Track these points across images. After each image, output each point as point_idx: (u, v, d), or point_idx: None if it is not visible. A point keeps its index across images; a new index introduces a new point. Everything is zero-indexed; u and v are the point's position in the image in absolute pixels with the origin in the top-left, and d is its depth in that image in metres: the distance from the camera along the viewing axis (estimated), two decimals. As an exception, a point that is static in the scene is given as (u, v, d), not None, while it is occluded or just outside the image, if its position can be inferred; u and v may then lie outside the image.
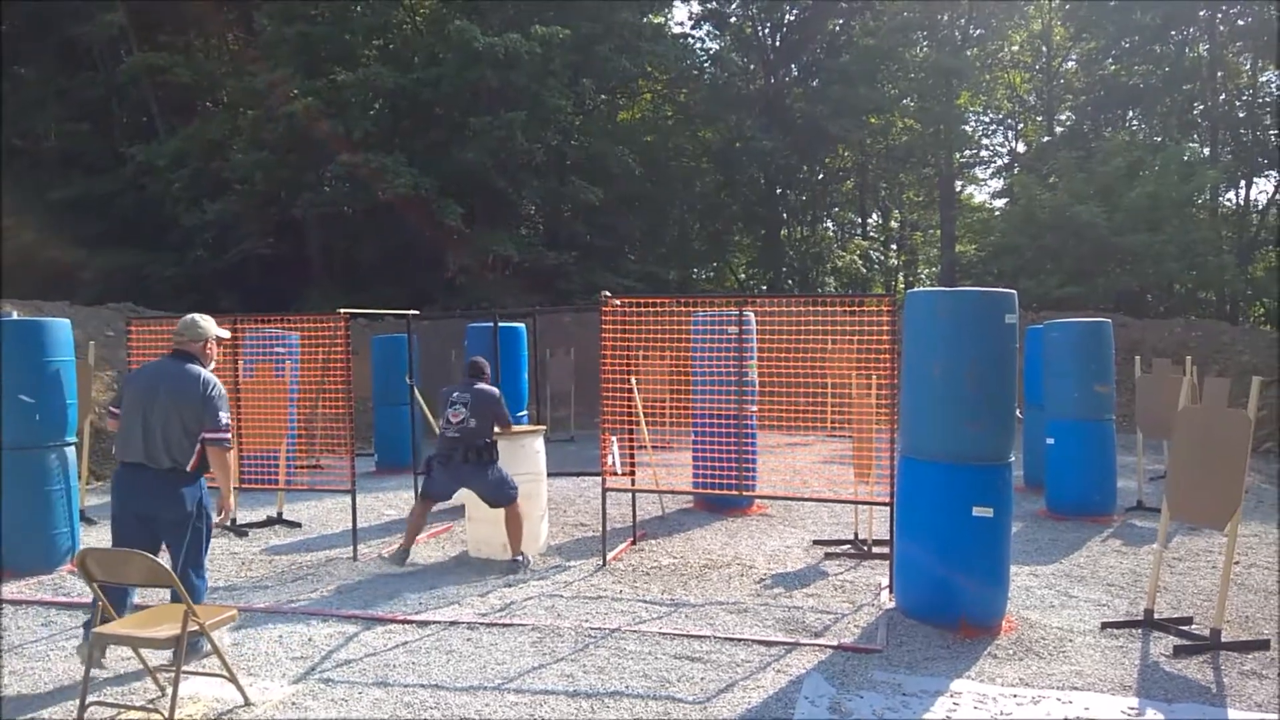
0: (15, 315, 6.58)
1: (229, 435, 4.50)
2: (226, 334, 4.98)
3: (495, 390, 6.40)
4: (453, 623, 5.12)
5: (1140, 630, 4.91)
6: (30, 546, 6.25)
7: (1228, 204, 25.26)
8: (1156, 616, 4.97)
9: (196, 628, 3.78)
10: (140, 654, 4.12)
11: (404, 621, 5.16)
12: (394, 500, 9.12)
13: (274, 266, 17.56)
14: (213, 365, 4.70)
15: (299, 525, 7.98)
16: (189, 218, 18.42)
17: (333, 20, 20.55)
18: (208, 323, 4.70)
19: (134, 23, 20.50)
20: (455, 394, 6.25)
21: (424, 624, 5.12)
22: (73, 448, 6.62)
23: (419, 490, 6.59)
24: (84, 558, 3.81)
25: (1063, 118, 27.35)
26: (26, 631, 5.12)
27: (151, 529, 4.47)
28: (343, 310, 6.98)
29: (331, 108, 18.20)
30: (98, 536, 7.63)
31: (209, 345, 4.67)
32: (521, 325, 9.56)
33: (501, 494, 6.27)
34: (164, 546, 4.56)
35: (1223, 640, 4.62)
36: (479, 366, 6.51)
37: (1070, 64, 27.23)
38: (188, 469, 4.43)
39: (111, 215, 19.65)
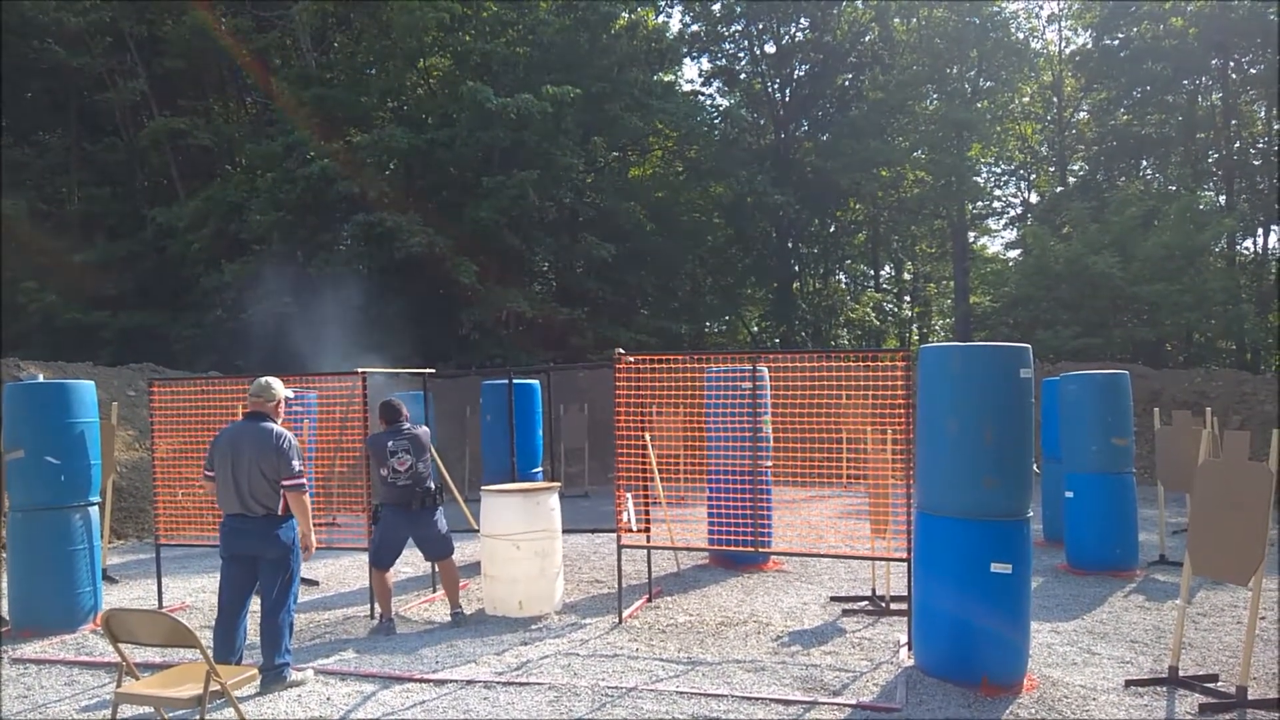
0: (41, 378, 6.73)
1: (304, 481, 5.11)
2: (292, 394, 5.59)
3: (424, 428, 6.47)
4: (469, 681, 5.10)
5: (1165, 688, 4.81)
6: (54, 606, 6.33)
7: (1245, 253, 25.19)
8: (1181, 674, 4.87)
9: (218, 687, 3.82)
10: (161, 713, 4.15)
11: (421, 680, 5.15)
12: (410, 558, 9.04)
13: (291, 326, 17.79)
14: (281, 421, 5.27)
15: (316, 583, 7.98)
16: (208, 278, 18.74)
17: (348, 83, 21.15)
18: (278, 385, 5.31)
19: (155, 89, 21.18)
20: (391, 442, 6.18)
21: (441, 683, 5.10)
22: (96, 507, 6.70)
23: (371, 559, 6.37)
24: (108, 618, 3.88)
25: (1075, 168, 27.50)
26: (50, 691, 5.16)
27: (252, 570, 5.08)
28: (360, 369, 7.06)
29: (347, 169, 18.61)
30: (119, 596, 7.71)
31: (280, 404, 5.28)
32: (535, 382, 9.62)
33: (445, 546, 6.34)
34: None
35: (1249, 698, 4.51)
36: (395, 408, 6.34)
37: (1082, 114, 27.45)
38: (279, 513, 5.04)
39: (132, 277, 20.03)
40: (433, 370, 9.02)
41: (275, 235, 18.60)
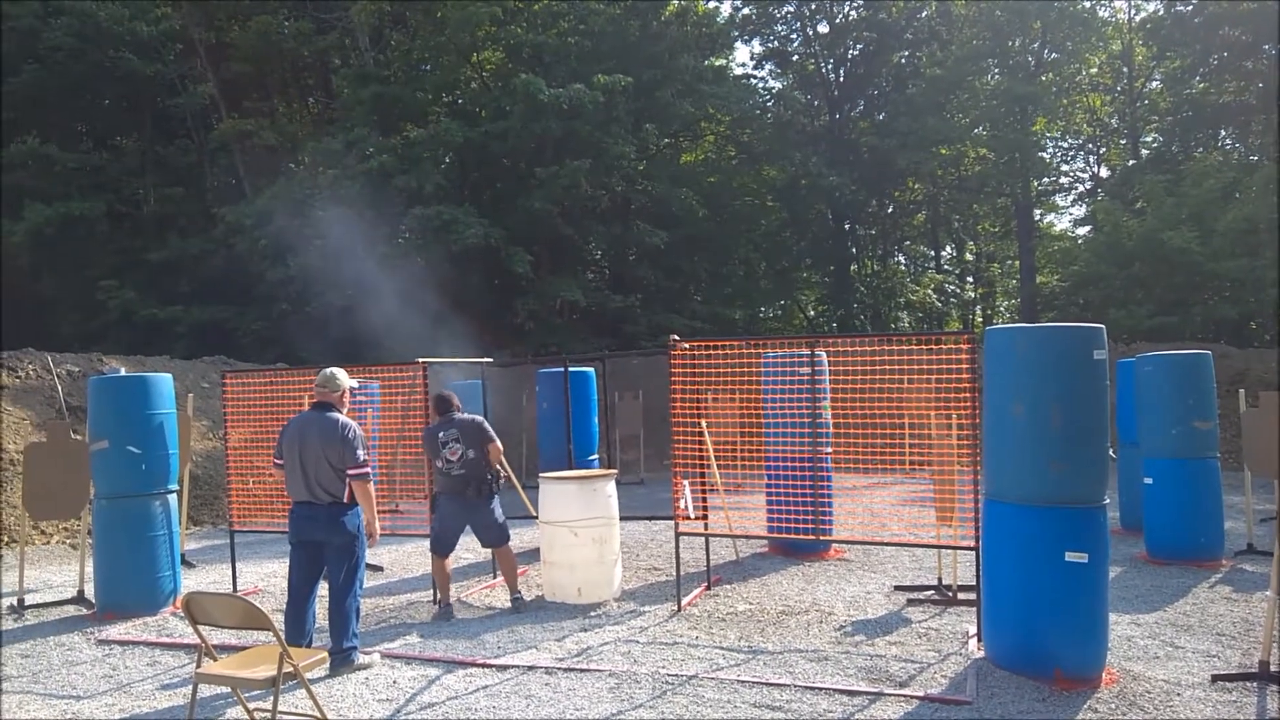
0: (123, 371, 6.97)
1: (368, 470, 5.18)
2: (356, 384, 5.67)
3: (478, 417, 6.45)
4: (531, 667, 5.13)
5: (1255, 684, 4.56)
6: (136, 589, 6.58)
7: (1334, 223, 23.91)
8: (1272, 669, 4.61)
9: (291, 669, 3.90)
10: (238, 693, 4.26)
11: (484, 665, 5.20)
12: (469, 544, 9.11)
13: (353, 317, 18.18)
14: (346, 410, 5.38)
15: (381, 569, 8.13)
16: (274, 273, 19.23)
17: (404, 80, 21.41)
18: (343, 376, 5.41)
19: (223, 92, 21.81)
20: (442, 433, 6.24)
21: (503, 668, 5.15)
22: (174, 495, 6.95)
23: (430, 546, 6.48)
24: (188, 601, 4.00)
25: (1148, 140, 26.33)
26: (134, 671, 5.36)
27: (319, 555, 5.20)
28: (421, 359, 7.13)
29: (404, 164, 18.86)
30: (197, 580, 7.97)
31: (345, 395, 5.38)
32: (590, 369, 9.61)
33: (500, 533, 6.38)
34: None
35: (1351, 695, 4.26)
36: (446, 399, 6.40)
37: (1154, 84, 26.24)
38: (344, 501, 5.13)
39: (203, 273, 20.70)
40: (490, 360, 9.05)
41: (337, 230, 18.99)
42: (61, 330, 20.30)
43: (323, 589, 5.27)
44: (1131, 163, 25.27)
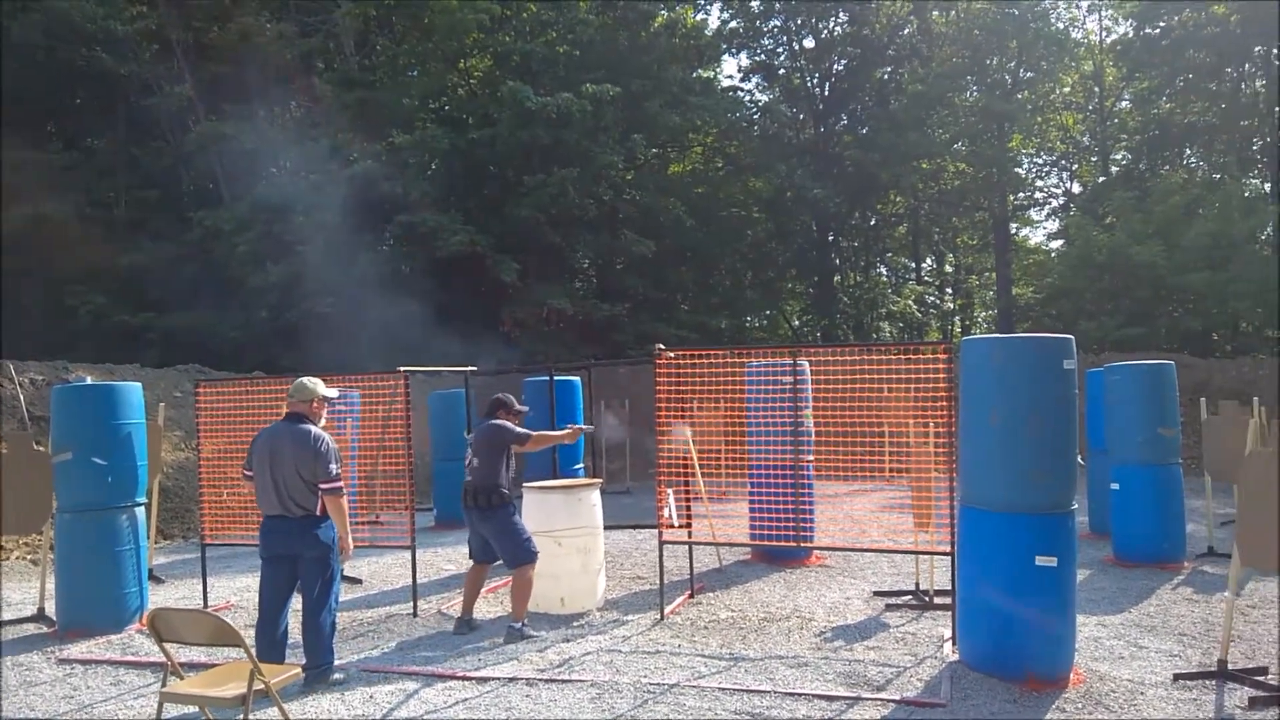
0: (88, 380, 6.85)
1: (340, 484, 5.03)
2: (334, 393, 5.43)
3: (500, 422, 6.09)
4: (512, 679, 5.12)
5: (1214, 682, 4.75)
6: (100, 606, 6.33)
7: (1292, 240, 24.56)
8: (1231, 667, 4.80)
9: (261, 686, 3.81)
10: (206, 712, 4.18)
11: (464, 678, 5.17)
12: (453, 555, 9.23)
13: (335, 325, 18.10)
14: (323, 421, 5.22)
15: (360, 581, 8.09)
16: (253, 279, 19.11)
17: (390, 85, 21.41)
18: (315, 384, 5.25)
19: (201, 93, 21.54)
20: (469, 436, 6.18)
21: (483, 680, 5.13)
22: (142, 508, 6.75)
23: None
24: (153, 617, 3.91)
25: (1118, 157, 26.97)
26: (96, 691, 5.20)
27: (292, 569, 5.07)
28: (402, 369, 7.16)
29: (389, 170, 18.86)
30: (166, 595, 7.78)
31: (316, 404, 5.21)
32: (576, 378, 9.69)
33: (514, 550, 5.95)
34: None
35: (1304, 694, 4.44)
36: (494, 402, 6.17)
37: (1124, 103, 26.92)
38: (317, 514, 5.01)
39: (178, 279, 20.40)
40: (474, 368, 9.12)
41: (319, 237, 18.95)
42: (27, 336, 19.92)
43: (297, 603, 5.14)
44: (1102, 179, 25.87)
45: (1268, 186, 23.46)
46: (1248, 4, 21.90)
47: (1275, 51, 22.93)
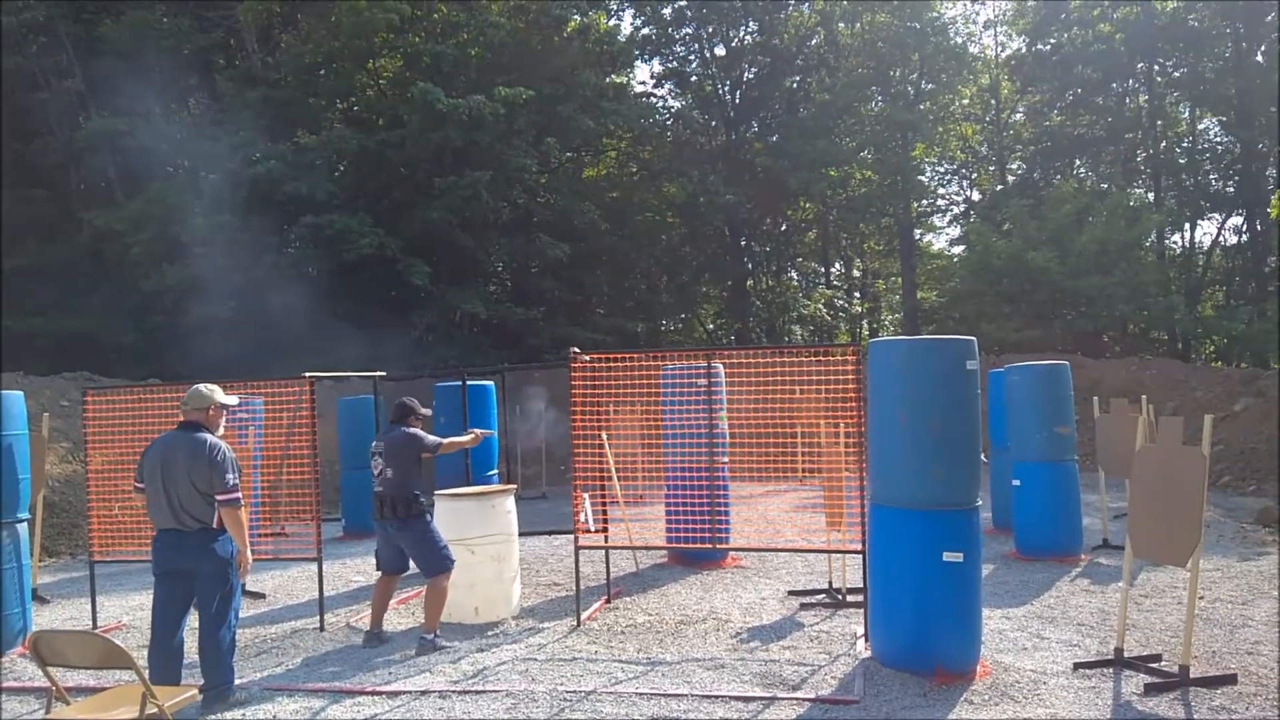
0: None
1: (238, 495, 4.79)
2: (233, 400, 5.19)
3: (411, 430, 5.92)
4: (424, 692, 5.00)
5: (1112, 670, 4.95)
6: None
7: (1173, 247, 26.28)
8: (1126, 655, 5.02)
9: (155, 710, 3.65)
10: None
11: (373, 693, 5.03)
12: (362, 566, 8.94)
13: (237, 330, 17.39)
14: (221, 430, 4.99)
15: (263, 596, 7.77)
16: (148, 283, 18.21)
17: (296, 84, 20.74)
18: (211, 390, 5.00)
19: (92, 89, 20.49)
20: (374, 444, 6.00)
21: (394, 695, 4.99)
22: (25, 524, 6.42)
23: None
24: (35, 640, 3.69)
25: (1014, 167, 28.32)
26: None
27: (188, 585, 4.82)
28: (307, 374, 6.92)
29: (295, 170, 18.25)
30: (51, 616, 7.40)
31: (212, 410, 4.96)
32: (490, 383, 9.54)
33: (431, 559, 5.81)
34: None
35: (1191, 676, 4.67)
36: (399, 407, 6.01)
37: (1018, 116, 28.30)
38: (213, 526, 4.78)
39: (67, 282, 19.36)
40: (383, 374, 8.87)
41: (220, 238, 18.18)
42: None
43: (194, 621, 4.92)
44: (999, 187, 27.11)
45: (1151, 196, 25.00)
46: (1130, 23, 23.31)
47: (1155, 68, 24.46)
